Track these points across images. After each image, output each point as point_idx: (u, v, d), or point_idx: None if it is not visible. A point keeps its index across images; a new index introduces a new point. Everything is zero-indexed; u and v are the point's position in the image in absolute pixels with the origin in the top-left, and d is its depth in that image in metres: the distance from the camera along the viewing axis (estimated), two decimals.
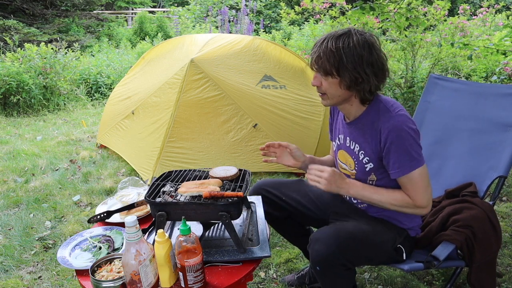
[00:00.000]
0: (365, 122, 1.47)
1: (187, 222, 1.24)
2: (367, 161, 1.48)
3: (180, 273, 1.24)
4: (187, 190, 1.43)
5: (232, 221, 1.39)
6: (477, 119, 2.02)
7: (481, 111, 2.02)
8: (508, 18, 7.16)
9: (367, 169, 1.49)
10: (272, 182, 1.78)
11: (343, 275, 1.40)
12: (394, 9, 3.50)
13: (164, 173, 1.65)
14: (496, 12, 6.48)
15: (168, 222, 1.62)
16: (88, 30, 10.77)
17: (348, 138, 1.55)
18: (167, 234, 1.28)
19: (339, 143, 1.63)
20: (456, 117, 2.11)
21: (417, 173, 1.39)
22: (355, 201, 1.62)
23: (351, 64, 1.35)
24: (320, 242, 1.36)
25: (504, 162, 1.82)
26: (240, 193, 1.42)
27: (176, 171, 1.67)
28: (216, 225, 1.60)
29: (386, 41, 4.94)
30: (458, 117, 2.10)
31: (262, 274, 2.14)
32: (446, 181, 2.00)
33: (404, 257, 1.56)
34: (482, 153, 1.94)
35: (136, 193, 1.84)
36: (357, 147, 1.51)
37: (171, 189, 1.53)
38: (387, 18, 3.47)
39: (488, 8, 5.66)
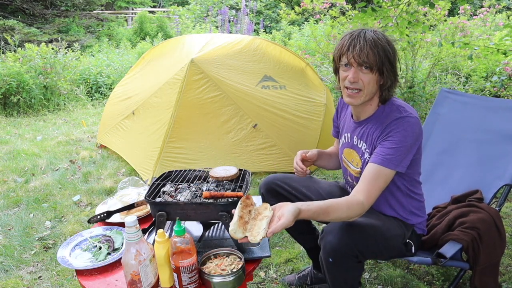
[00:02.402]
0: (375, 122, 1.48)
1: (186, 223, 1.24)
2: (369, 159, 1.49)
3: (175, 274, 1.24)
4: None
5: None
6: (484, 131, 2.09)
7: (489, 123, 2.09)
8: (508, 18, 7.15)
9: None
10: (283, 177, 1.78)
11: (354, 267, 1.41)
12: (395, 10, 3.50)
13: (164, 173, 1.65)
14: (496, 12, 6.47)
15: (168, 222, 1.62)
16: (88, 30, 10.77)
17: (355, 136, 1.56)
18: (167, 234, 1.28)
19: (344, 142, 1.64)
20: (464, 129, 2.19)
21: (387, 172, 1.38)
22: None
23: (393, 60, 1.39)
24: (333, 234, 1.37)
25: (510, 171, 1.87)
26: (240, 193, 1.42)
27: (176, 171, 1.68)
28: (216, 225, 1.60)
29: None
30: (466, 129, 2.17)
31: (262, 274, 2.14)
32: (452, 189, 2.04)
33: (413, 251, 1.59)
34: (488, 163, 2.00)
35: (136, 193, 1.84)
36: (364, 145, 1.52)
37: (171, 189, 1.53)
38: (389, 23, 3.47)
39: (489, 8, 5.65)
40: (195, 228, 1.59)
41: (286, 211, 1.18)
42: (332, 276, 1.43)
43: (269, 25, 12.87)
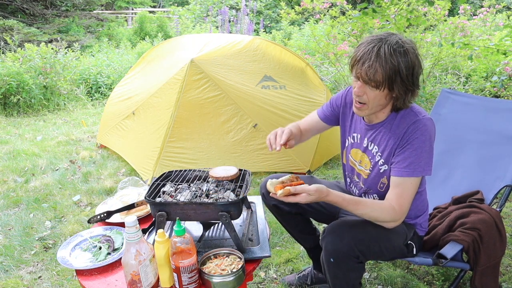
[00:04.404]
0: (389, 126, 1.46)
1: (186, 223, 1.24)
2: (382, 163, 1.49)
3: (175, 274, 1.24)
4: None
5: (232, 221, 1.39)
6: (485, 132, 2.09)
7: (490, 124, 2.09)
8: (508, 18, 7.15)
9: (381, 171, 1.50)
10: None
11: (355, 268, 1.41)
12: (395, 10, 3.50)
13: (164, 173, 1.65)
14: (496, 12, 6.47)
15: (168, 222, 1.62)
16: (88, 30, 10.77)
17: (366, 139, 1.55)
18: (167, 234, 1.28)
19: (353, 142, 1.63)
20: (465, 129, 2.18)
21: (414, 181, 1.39)
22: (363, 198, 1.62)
23: (406, 76, 1.31)
24: (334, 234, 1.37)
25: (511, 172, 1.87)
26: (302, 182, 1.38)
27: (176, 171, 1.67)
28: (216, 225, 1.60)
29: None
30: (467, 129, 2.17)
31: (262, 274, 2.14)
32: (453, 189, 2.05)
33: (415, 252, 1.59)
34: (489, 163, 2.00)
35: (136, 193, 1.84)
36: (375, 148, 1.51)
37: (171, 189, 1.53)
38: (387, 21, 3.48)
39: (489, 8, 5.65)
40: (195, 228, 1.59)
41: (315, 184, 1.32)
42: (333, 276, 1.43)
43: (269, 25, 12.87)
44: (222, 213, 1.36)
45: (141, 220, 1.64)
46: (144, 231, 1.54)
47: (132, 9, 14.54)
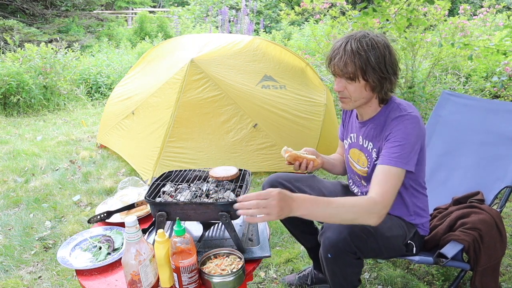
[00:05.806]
0: (379, 122, 1.50)
1: (186, 223, 1.24)
2: (376, 158, 1.51)
3: (175, 274, 1.24)
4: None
5: (232, 221, 1.39)
6: (485, 133, 2.10)
7: (490, 125, 2.10)
8: (508, 18, 7.15)
9: None
10: (286, 176, 1.79)
11: (353, 264, 1.41)
12: (395, 10, 3.50)
13: (164, 173, 1.65)
14: (496, 12, 6.47)
15: (168, 222, 1.62)
16: (88, 30, 10.76)
17: (361, 136, 1.59)
18: (167, 234, 1.28)
19: (350, 142, 1.66)
20: (465, 131, 2.19)
21: (397, 171, 1.37)
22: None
23: (377, 65, 1.38)
24: (332, 229, 1.38)
25: (511, 173, 1.88)
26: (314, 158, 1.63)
27: (176, 171, 1.67)
28: (216, 225, 1.60)
29: None
30: (468, 131, 2.18)
31: (262, 274, 2.14)
32: (453, 190, 2.05)
33: (415, 252, 1.59)
34: (489, 164, 2.01)
35: (136, 193, 1.84)
36: (370, 145, 1.54)
37: (171, 189, 1.53)
38: (387, 20, 3.47)
39: (489, 8, 5.65)
40: (195, 228, 1.59)
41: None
42: (331, 272, 1.43)
43: (269, 25, 12.87)
44: (222, 213, 1.36)
45: (141, 220, 1.64)
46: (144, 231, 1.54)
47: (132, 9, 14.53)
